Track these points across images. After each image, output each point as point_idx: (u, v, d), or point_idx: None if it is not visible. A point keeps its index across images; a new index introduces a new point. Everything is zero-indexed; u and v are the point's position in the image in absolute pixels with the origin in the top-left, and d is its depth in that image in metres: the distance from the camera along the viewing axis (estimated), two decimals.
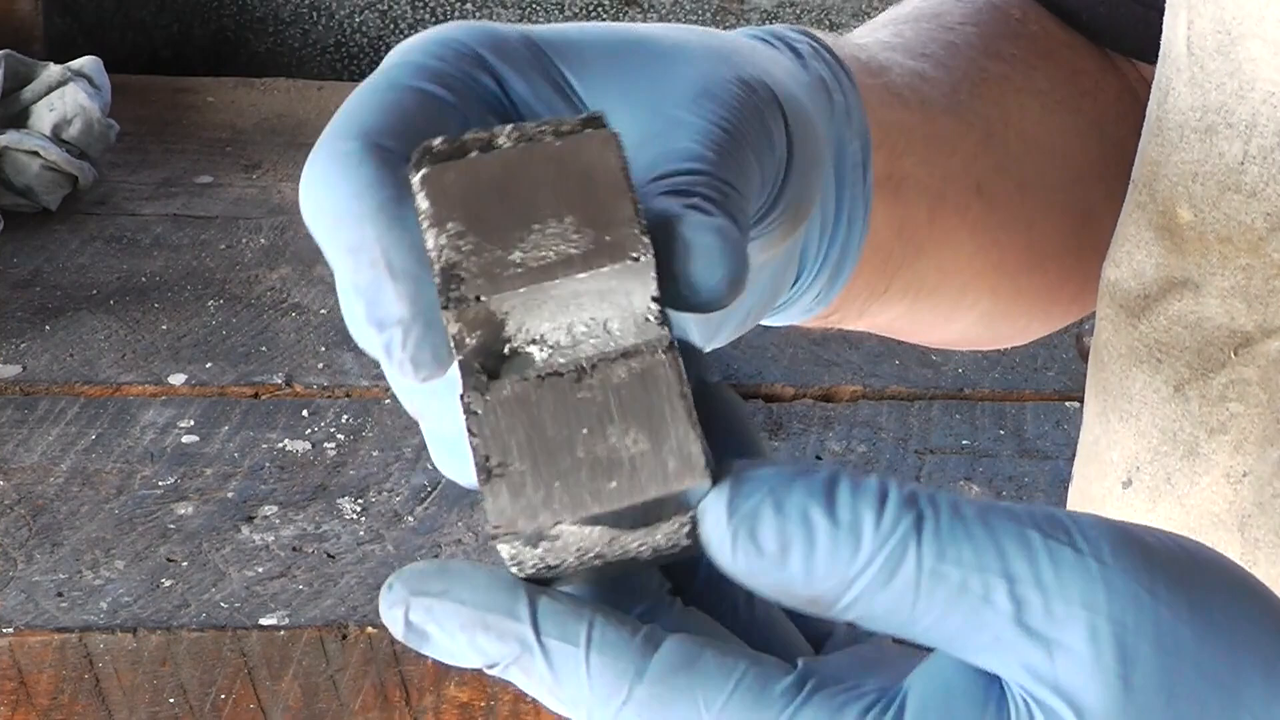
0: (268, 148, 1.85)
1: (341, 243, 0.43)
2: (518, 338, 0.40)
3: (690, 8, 2.23)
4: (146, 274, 1.57)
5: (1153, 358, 0.66)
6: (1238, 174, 0.62)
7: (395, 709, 1.15)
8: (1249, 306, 0.63)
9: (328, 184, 0.44)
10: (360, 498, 1.26)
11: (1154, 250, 0.66)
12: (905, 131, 0.63)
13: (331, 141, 0.44)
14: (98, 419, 1.33)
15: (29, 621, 1.11)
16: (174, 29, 2.20)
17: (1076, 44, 0.74)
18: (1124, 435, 0.67)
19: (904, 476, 1.33)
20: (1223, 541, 0.63)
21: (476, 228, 0.40)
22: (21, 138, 1.62)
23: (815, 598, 0.39)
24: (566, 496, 0.39)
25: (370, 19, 2.20)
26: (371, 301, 0.42)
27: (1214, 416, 0.64)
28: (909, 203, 0.64)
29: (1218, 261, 0.63)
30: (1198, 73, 0.63)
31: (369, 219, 0.43)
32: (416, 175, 0.41)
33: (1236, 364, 0.63)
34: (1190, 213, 0.64)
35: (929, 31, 0.70)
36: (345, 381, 1.41)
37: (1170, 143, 0.64)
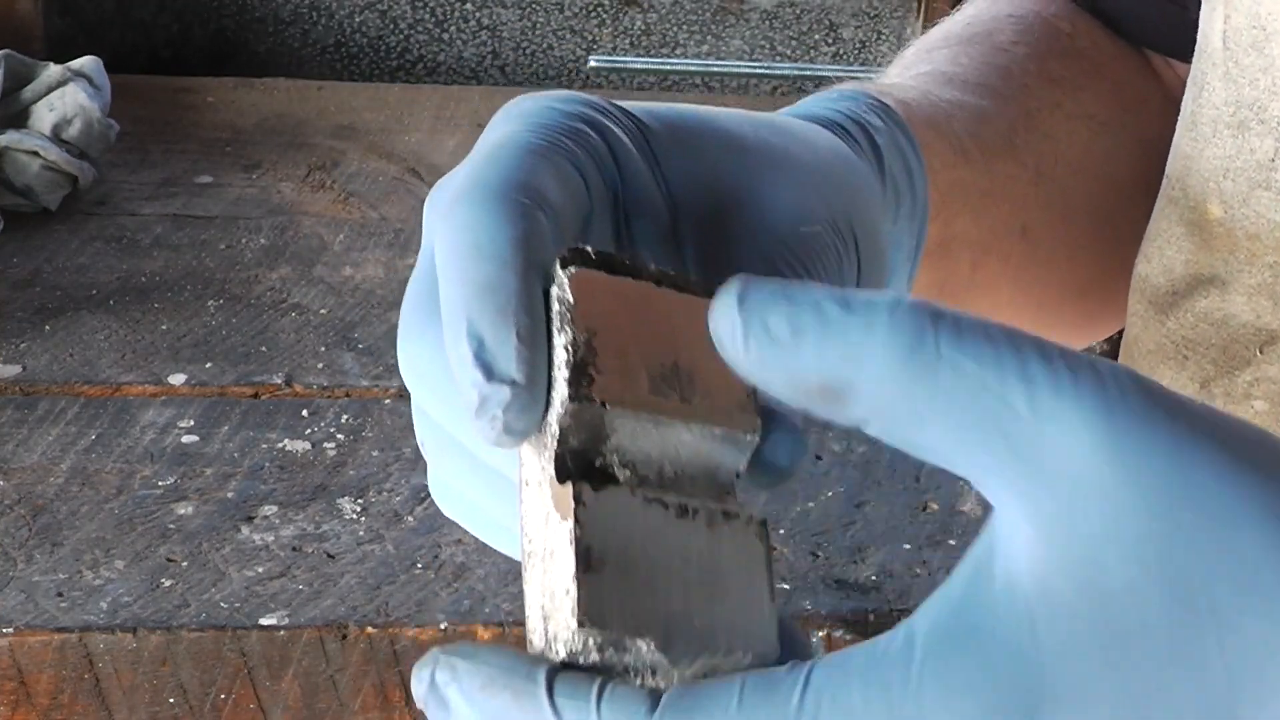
0: (268, 148, 1.85)
1: (476, 277, 0.43)
2: (612, 455, 0.41)
3: (690, 7, 2.23)
4: (146, 274, 1.57)
5: (1179, 354, 0.67)
6: (1268, 171, 0.62)
7: (395, 709, 1.15)
8: (1275, 305, 0.63)
9: (479, 223, 0.44)
10: (360, 498, 1.26)
11: (1184, 246, 0.66)
12: (963, 189, 0.64)
13: (490, 186, 0.45)
14: (98, 419, 1.33)
15: (29, 621, 1.11)
16: (174, 29, 2.20)
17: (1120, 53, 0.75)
18: None
19: (904, 476, 1.33)
20: None
21: (613, 341, 0.42)
22: (21, 138, 1.62)
23: (826, 384, 0.37)
24: (657, 624, 0.40)
25: (370, 19, 2.20)
26: (492, 348, 0.42)
27: (1238, 413, 0.63)
28: (954, 261, 0.64)
29: (1245, 259, 0.63)
30: (1232, 68, 0.63)
31: (514, 271, 0.43)
32: (567, 270, 0.42)
33: (1261, 361, 0.63)
34: (1220, 209, 0.64)
35: (984, 56, 0.71)
36: (345, 381, 1.41)
37: (1203, 138, 0.64)
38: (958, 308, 0.64)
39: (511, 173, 0.45)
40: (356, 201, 1.74)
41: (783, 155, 0.52)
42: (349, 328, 1.49)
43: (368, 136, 1.89)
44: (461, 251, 0.44)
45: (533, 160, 0.46)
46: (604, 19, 2.23)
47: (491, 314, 0.43)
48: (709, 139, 0.51)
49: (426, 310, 0.48)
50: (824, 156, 0.53)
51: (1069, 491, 0.36)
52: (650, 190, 0.49)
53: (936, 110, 0.64)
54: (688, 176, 0.50)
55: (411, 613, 1.15)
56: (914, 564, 1.23)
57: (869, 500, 1.29)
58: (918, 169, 0.59)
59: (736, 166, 0.51)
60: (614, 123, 0.50)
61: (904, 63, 0.71)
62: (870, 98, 0.60)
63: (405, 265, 1.61)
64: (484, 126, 0.51)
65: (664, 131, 0.51)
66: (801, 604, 1.18)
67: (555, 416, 0.41)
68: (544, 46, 2.24)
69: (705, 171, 0.50)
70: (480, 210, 0.44)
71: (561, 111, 0.49)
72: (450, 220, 0.45)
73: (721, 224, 0.50)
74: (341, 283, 1.57)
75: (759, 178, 0.50)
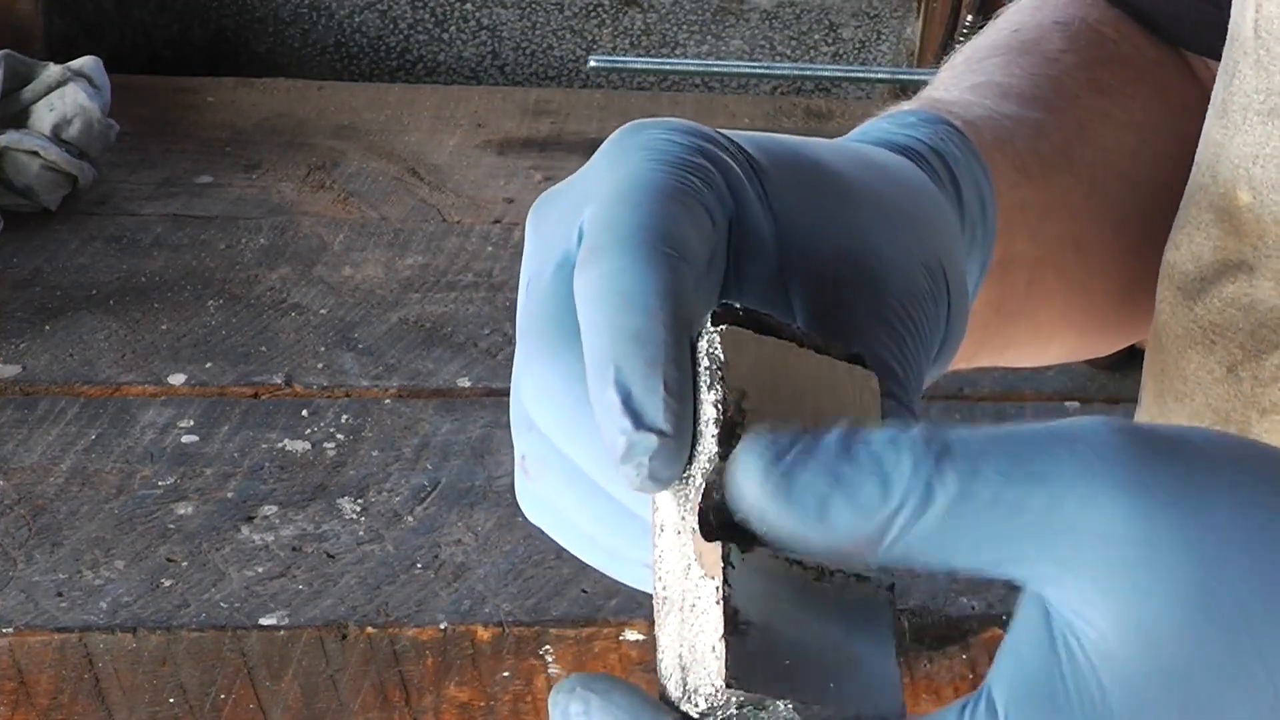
0: (268, 148, 1.85)
1: (624, 326, 0.44)
2: (750, 515, 0.42)
3: (690, 7, 2.23)
4: (146, 274, 1.57)
5: (1207, 339, 0.67)
6: None
7: (395, 709, 1.15)
8: None
9: (624, 272, 0.45)
10: (360, 498, 1.26)
11: (1213, 233, 0.66)
12: (1024, 208, 0.66)
13: (633, 234, 0.46)
14: (98, 419, 1.33)
15: (29, 621, 1.11)
16: (174, 29, 2.20)
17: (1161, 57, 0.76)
18: (1179, 416, 0.68)
19: None
20: None
21: (761, 401, 0.43)
22: (21, 138, 1.62)
23: (859, 544, 0.41)
24: (796, 685, 0.42)
25: (370, 19, 2.20)
26: (639, 398, 0.43)
27: (1265, 397, 0.65)
28: (1012, 280, 0.66)
29: (1274, 244, 0.64)
30: (1263, 55, 0.63)
31: (661, 323, 0.44)
32: (719, 327, 0.43)
33: None
34: (1250, 195, 0.64)
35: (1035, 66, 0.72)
36: (345, 381, 1.41)
37: (1234, 125, 0.65)
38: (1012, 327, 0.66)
39: (650, 218, 0.46)
40: (356, 201, 1.74)
41: (887, 202, 0.53)
42: (349, 328, 1.49)
43: (368, 136, 1.89)
44: (608, 300, 0.45)
45: (668, 205, 0.47)
46: (604, 19, 2.23)
47: (640, 365, 0.44)
48: (816, 181, 0.52)
49: (554, 336, 0.48)
50: (918, 199, 0.55)
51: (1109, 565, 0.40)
52: (761, 232, 0.50)
53: (1000, 129, 0.66)
54: (797, 219, 0.51)
55: (411, 613, 1.15)
56: None
57: None
58: (990, 198, 0.61)
59: (843, 213, 0.52)
60: (730, 158, 0.51)
61: (954, 72, 0.72)
62: (945, 123, 0.61)
63: (405, 265, 1.61)
64: (484, 126, 0.52)
65: (773, 170, 0.51)
66: None
67: (700, 470, 0.42)
68: (544, 46, 2.24)
69: (813, 216, 0.51)
70: (626, 259, 0.45)
71: (682, 145, 0.50)
72: (594, 267, 0.46)
73: (830, 274, 0.51)
74: (341, 283, 1.57)
75: (865, 228, 0.52)
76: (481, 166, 1.84)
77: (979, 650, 1.17)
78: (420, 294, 1.56)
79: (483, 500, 1.26)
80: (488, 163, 1.85)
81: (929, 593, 1.20)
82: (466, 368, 1.44)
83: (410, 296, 1.55)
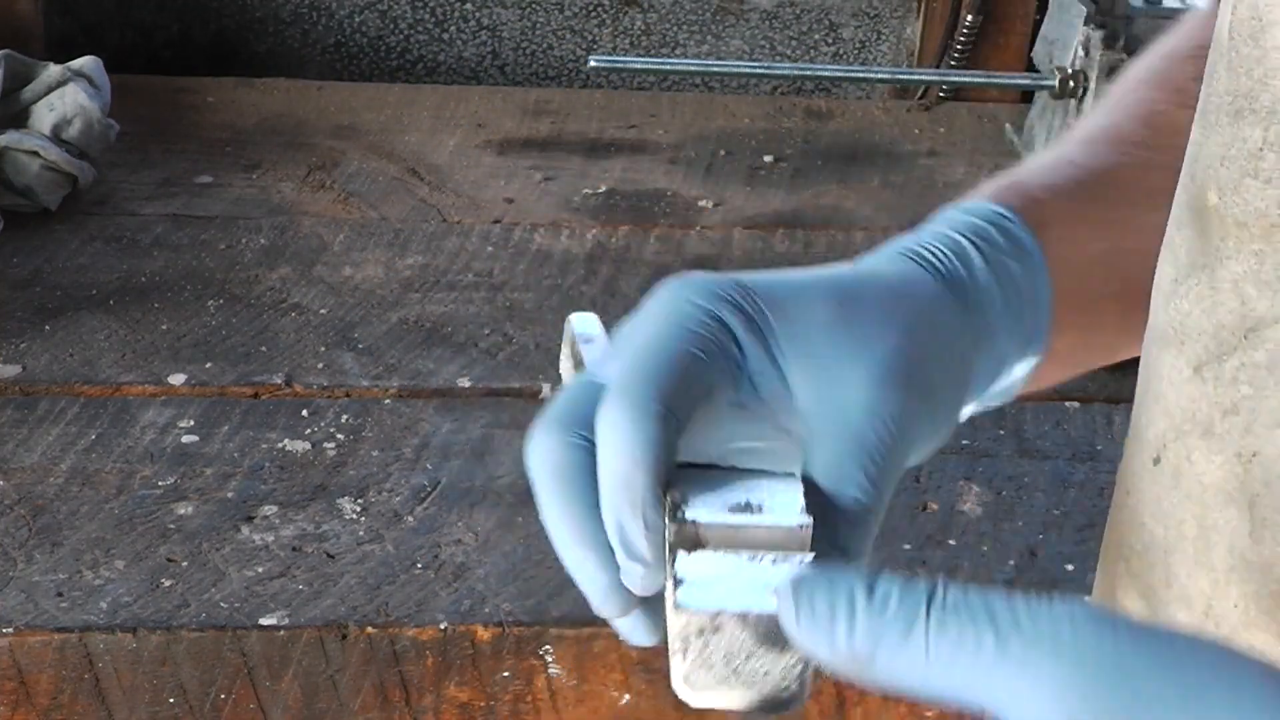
0: (268, 148, 1.85)
1: (618, 472, 0.62)
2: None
3: (690, 7, 2.23)
4: (146, 274, 1.57)
5: (1177, 339, 0.68)
6: (1257, 160, 0.63)
7: (395, 709, 1.15)
8: (1259, 292, 0.64)
9: (625, 426, 0.62)
10: (360, 498, 1.26)
11: (1188, 233, 0.68)
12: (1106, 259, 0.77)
13: (636, 395, 0.63)
14: (98, 419, 1.33)
15: (29, 621, 1.11)
16: (174, 29, 2.20)
17: None
18: (1155, 414, 0.70)
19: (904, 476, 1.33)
20: (1234, 519, 0.65)
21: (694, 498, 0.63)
22: (21, 138, 1.62)
23: (854, 654, 0.51)
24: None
25: (370, 19, 2.20)
26: (625, 538, 0.61)
27: (1227, 398, 0.66)
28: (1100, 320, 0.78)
29: (1234, 246, 0.65)
30: (1234, 58, 0.64)
31: (645, 472, 0.61)
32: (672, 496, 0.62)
33: (1246, 347, 0.65)
34: (1216, 196, 0.65)
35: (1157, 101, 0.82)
36: (345, 381, 1.41)
37: (1209, 126, 0.66)
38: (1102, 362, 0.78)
39: (653, 381, 0.63)
40: (356, 201, 1.74)
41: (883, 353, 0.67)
42: (349, 328, 1.49)
43: (368, 136, 1.89)
44: (610, 445, 0.62)
45: (670, 368, 0.64)
46: (604, 19, 2.23)
47: (627, 506, 0.61)
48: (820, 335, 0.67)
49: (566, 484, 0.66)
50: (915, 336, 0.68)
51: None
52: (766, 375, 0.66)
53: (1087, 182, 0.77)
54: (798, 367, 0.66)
55: (411, 613, 1.15)
56: (914, 564, 1.23)
57: None
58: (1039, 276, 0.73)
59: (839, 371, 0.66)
60: (738, 313, 0.67)
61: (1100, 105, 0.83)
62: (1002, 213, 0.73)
63: (404, 265, 1.61)
64: (484, 126, 0.53)
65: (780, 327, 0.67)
66: None
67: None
68: (544, 46, 2.23)
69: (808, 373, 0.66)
70: (626, 415, 0.62)
71: (697, 305, 0.67)
72: (605, 415, 0.63)
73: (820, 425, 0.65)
74: (341, 283, 1.57)
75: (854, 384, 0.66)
76: (481, 166, 1.84)
77: None
78: (420, 294, 1.56)
79: (483, 500, 1.26)
80: (488, 163, 1.85)
81: None
82: (466, 368, 1.44)
83: (410, 296, 1.55)
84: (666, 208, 1.77)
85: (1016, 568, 1.23)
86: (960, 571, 1.22)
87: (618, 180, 1.83)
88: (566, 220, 1.73)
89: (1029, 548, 1.25)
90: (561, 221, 1.72)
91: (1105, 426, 1.41)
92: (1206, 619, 0.68)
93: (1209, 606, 0.67)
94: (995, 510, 1.29)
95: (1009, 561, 1.24)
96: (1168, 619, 0.69)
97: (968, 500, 1.30)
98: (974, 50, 2.09)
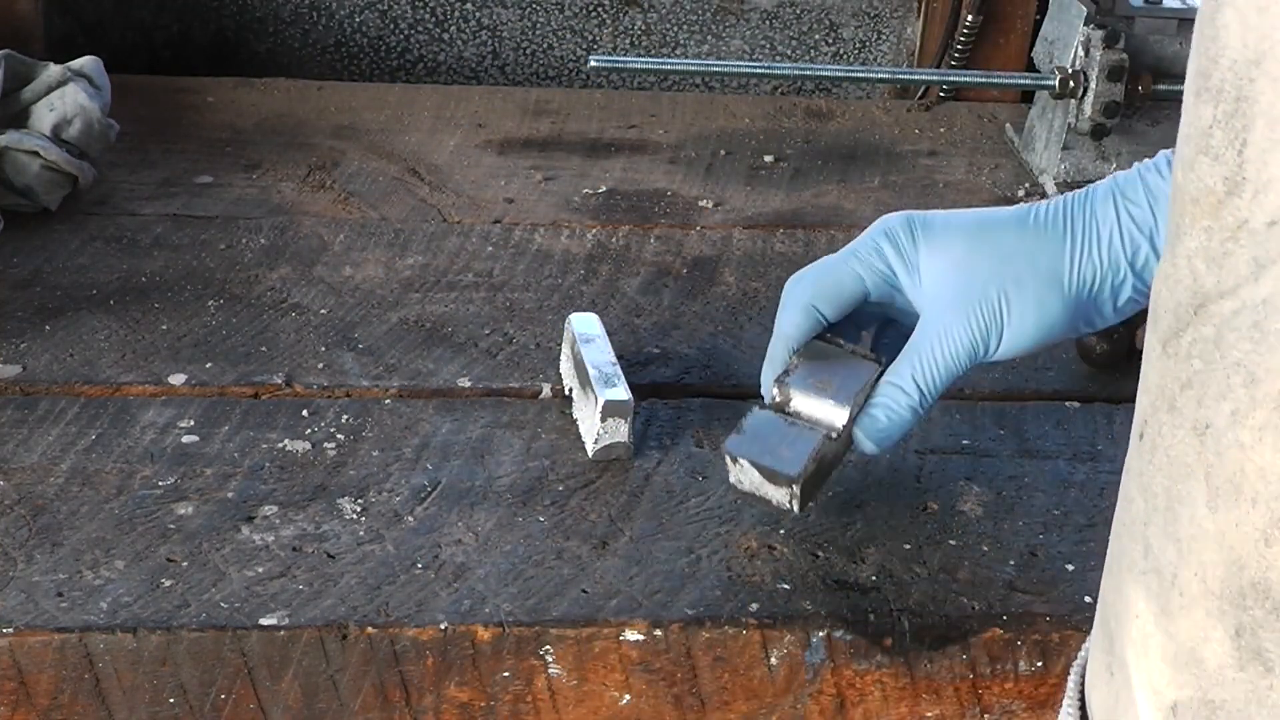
0: (268, 148, 1.85)
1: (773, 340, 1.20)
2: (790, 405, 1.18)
3: (690, 7, 2.23)
4: (146, 274, 1.57)
5: (1153, 318, 0.72)
6: (1207, 137, 0.66)
7: (395, 709, 1.15)
8: (1207, 267, 0.66)
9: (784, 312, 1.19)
10: (360, 498, 1.26)
11: (1171, 212, 0.71)
12: None
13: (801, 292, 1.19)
14: (98, 419, 1.33)
15: (29, 621, 1.11)
16: (174, 29, 2.20)
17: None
18: (1140, 391, 0.74)
19: (904, 476, 1.33)
20: (1194, 491, 0.68)
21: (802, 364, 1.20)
22: (21, 138, 1.62)
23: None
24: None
25: (370, 19, 2.20)
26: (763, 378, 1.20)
27: (1184, 372, 0.68)
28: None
29: (1189, 222, 0.67)
30: (1199, 37, 0.67)
31: (780, 344, 1.19)
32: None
33: (1197, 323, 0.67)
34: (1180, 174, 0.68)
35: None
36: (345, 381, 1.41)
37: (1185, 106, 0.69)
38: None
39: (812, 286, 1.18)
40: (356, 201, 1.74)
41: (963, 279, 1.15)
42: (349, 328, 1.49)
43: (368, 136, 1.89)
44: (778, 320, 1.20)
45: (828, 279, 1.18)
46: (604, 19, 2.23)
47: (766, 363, 1.21)
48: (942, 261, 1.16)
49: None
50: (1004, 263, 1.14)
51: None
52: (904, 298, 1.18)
53: None
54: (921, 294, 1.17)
55: (411, 613, 1.15)
56: (914, 564, 1.23)
57: (869, 500, 1.29)
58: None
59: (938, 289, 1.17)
60: (897, 241, 1.16)
61: None
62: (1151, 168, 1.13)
63: (405, 265, 1.61)
64: (484, 126, 0.54)
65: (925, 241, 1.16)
66: (801, 604, 1.18)
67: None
68: (544, 46, 2.23)
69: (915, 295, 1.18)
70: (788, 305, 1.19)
71: (869, 236, 1.18)
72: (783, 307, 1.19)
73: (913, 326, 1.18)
74: (341, 283, 1.57)
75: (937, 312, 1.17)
76: (482, 166, 1.84)
77: (979, 650, 1.17)
78: (420, 294, 1.56)
79: (483, 500, 1.26)
80: (488, 163, 1.85)
81: (929, 593, 1.20)
82: (466, 368, 1.44)
83: (410, 296, 1.55)
84: (666, 208, 1.77)
85: (1016, 568, 1.23)
86: (960, 571, 1.22)
87: (618, 180, 1.83)
88: (566, 220, 1.73)
89: (1029, 548, 1.25)
90: (561, 221, 1.72)
91: (1105, 426, 1.41)
92: (1173, 589, 0.69)
93: (1174, 575, 0.69)
94: (995, 510, 1.29)
95: (1009, 561, 1.24)
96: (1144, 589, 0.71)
97: (968, 500, 1.30)
98: (974, 50, 2.09)
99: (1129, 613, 0.73)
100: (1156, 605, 0.70)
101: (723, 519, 1.26)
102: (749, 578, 1.20)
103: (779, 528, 1.25)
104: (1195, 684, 0.68)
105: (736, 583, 1.19)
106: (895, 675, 1.18)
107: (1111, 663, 0.75)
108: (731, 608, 1.17)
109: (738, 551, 1.23)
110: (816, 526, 1.26)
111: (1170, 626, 0.69)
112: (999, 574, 1.22)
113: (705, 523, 1.26)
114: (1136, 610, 0.72)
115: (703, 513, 1.27)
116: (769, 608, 1.17)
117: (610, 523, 1.25)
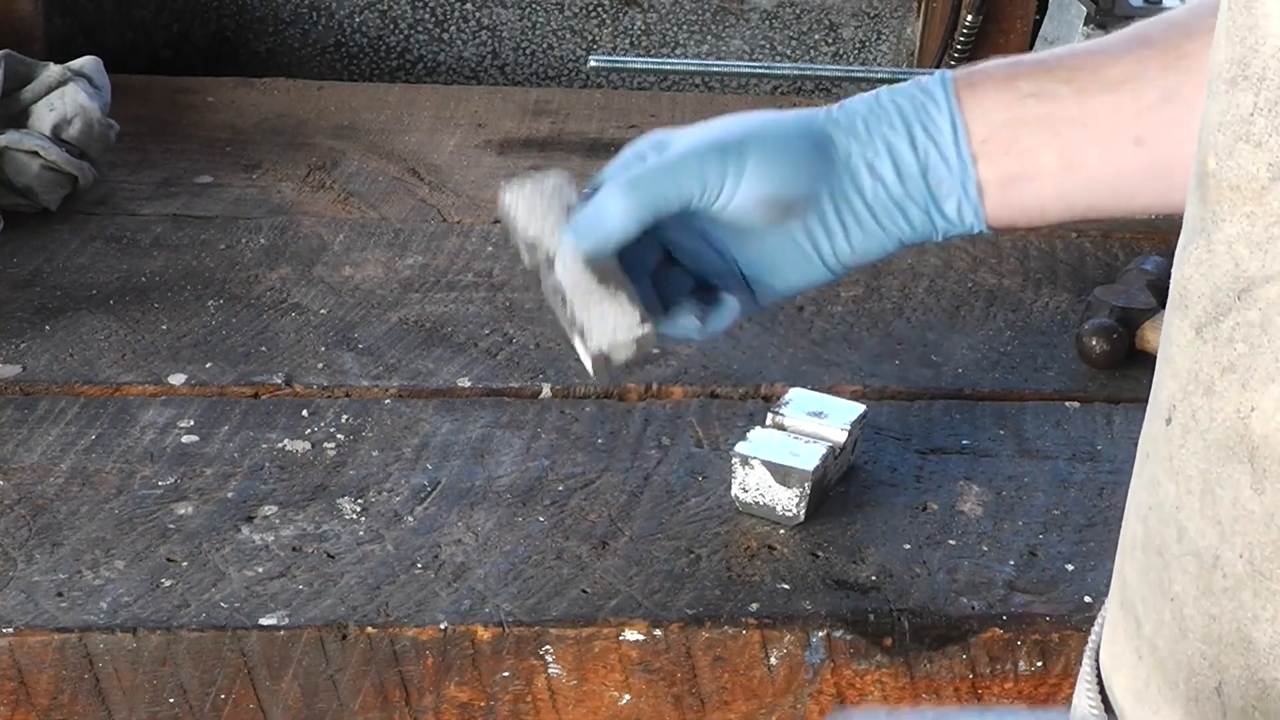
0: (268, 148, 1.85)
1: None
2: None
3: (690, 7, 2.23)
4: (146, 274, 1.57)
5: (1182, 303, 0.72)
6: (1248, 125, 0.67)
7: (395, 709, 1.15)
8: (1250, 252, 0.67)
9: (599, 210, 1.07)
10: (360, 498, 1.26)
11: (1193, 198, 0.71)
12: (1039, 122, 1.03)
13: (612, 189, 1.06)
14: (98, 419, 1.33)
15: (29, 621, 1.11)
16: (174, 29, 2.20)
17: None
18: (1166, 376, 0.74)
19: (904, 476, 1.33)
20: (1237, 474, 0.69)
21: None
22: (21, 138, 1.62)
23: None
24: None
25: (370, 19, 2.20)
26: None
27: (1225, 356, 0.69)
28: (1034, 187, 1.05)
29: (1227, 210, 0.68)
30: (1231, 26, 0.68)
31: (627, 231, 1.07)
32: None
33: (1240, 307, 0.68)
34: (1214, 161, 0.69)
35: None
36: (345, 381, 1.41)
37: (1212, 94, 0.70)
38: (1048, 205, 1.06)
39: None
40: (356, 201, 1.74)
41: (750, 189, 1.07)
42: (349, 328, 1.49)
43: (368, 136, 1.89)
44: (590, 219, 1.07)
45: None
46: (604, 19, 2.23)
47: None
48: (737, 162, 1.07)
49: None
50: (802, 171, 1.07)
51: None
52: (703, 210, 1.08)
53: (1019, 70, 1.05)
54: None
55: (411, 613, 1.15)
56: (914, 564, 1.23)
57: (869, 500, 1.29)
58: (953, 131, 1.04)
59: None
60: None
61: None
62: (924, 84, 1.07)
63: (405, 265, 1.61)
64: (484, 126, 0.54)
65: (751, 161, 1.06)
66: (801, 604, 1.18)
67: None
68: (544, 46, 2.24)
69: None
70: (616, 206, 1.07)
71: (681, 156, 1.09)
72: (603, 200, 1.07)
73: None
74: (341, 283, 1.57)
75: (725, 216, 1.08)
76: (481, 166, 1.84)
77: (979, 650, 1.17)
78: (420, 294, 1.56)
79: (483, 500, 1.26)
80: (488, 163, 1.85)
81: (929, 593, 1.20)
82: (466, 368, 1.44)
83: (410, 296, 1.55)
84: None
85: (1016, 568, 1.23)
86: (960, 571, 1.22)
87: None
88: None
89: (1029, 548, 1.25)
90: None
91: (1105, 426, 1.41)
92: (1215, 570, 0.70)
93: (1216, 558, 0.69)
94: (995, 510, 1.29)
95: (1009, 561, 1.24)
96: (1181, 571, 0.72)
97: (968, 500, 1.30)
98: (974, 50, 2.09)
99: (1162, 596, 0.73)
100: (1196, 588, 0.70)
101: (723, 519, 1.26)
102: (749, 578, 1.20)
103: (779, 528, 1.25)
104: (1243, 664, 0.68)
105: (736, 583, 1.19)
106: (895, 675, 1.18)
107: (1140, 646, 0.75)
108: (731, 608, 1.17)
109: (737, 551, 1.23)
110: (816, 526, 1.26)
111: (1213, 608, 0.70)
112: (999, 574, 1.22)
113: (705, 523, 1.26)
114: (1172, 593, 0.72)
115: (703, 513, 1.27)
116: (769, 608, 1.17)
117: (610, 523, 1.25)
